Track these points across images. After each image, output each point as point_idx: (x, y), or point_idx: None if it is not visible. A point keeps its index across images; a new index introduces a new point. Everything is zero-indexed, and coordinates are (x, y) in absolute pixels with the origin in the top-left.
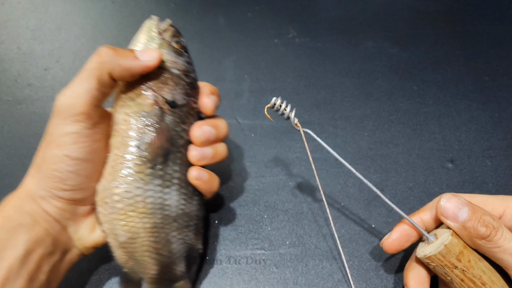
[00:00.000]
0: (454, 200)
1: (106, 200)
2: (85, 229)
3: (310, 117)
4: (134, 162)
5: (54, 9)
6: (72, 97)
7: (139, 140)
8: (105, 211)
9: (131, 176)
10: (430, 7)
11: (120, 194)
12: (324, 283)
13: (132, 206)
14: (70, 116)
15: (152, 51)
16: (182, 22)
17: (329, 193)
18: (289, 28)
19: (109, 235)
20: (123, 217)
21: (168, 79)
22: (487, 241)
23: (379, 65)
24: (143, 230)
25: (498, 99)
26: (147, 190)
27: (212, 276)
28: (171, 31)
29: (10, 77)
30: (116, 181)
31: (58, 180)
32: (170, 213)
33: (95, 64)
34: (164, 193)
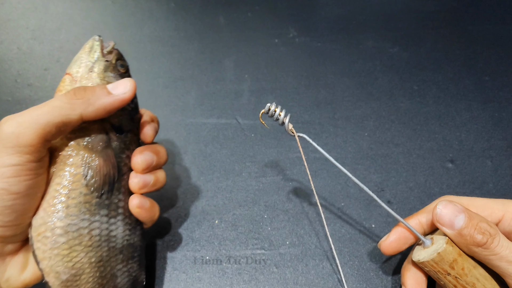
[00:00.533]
0: (450, 207)
1: (46, 235)
2: (14, 269)
3: (310, 116)
4: (80, 191)
5: (54, 9)
6: (22, 126)
7: (85, 167)
8: (45, 247)
9: (76, 206)
10: (431, 7)
11: (63, 228)
12: (324, 283)
13: (77, 239)
14: (15, 146)
15: (125, 82)
16: (182, 22)
17: (329, 193)
18: (289, 27)
19: (49, 273)
20: (67, 252)
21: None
22: (484, 248)
23: (379, 65)
24: (89, 265)
25: (498, 99)
26: (93, 222)
27: (212, 276)
28: (115, 53)
29: (10, 77)
30: (59, 213)
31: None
32: (116, 244)
33: (65, 104)
34: (110, 223)
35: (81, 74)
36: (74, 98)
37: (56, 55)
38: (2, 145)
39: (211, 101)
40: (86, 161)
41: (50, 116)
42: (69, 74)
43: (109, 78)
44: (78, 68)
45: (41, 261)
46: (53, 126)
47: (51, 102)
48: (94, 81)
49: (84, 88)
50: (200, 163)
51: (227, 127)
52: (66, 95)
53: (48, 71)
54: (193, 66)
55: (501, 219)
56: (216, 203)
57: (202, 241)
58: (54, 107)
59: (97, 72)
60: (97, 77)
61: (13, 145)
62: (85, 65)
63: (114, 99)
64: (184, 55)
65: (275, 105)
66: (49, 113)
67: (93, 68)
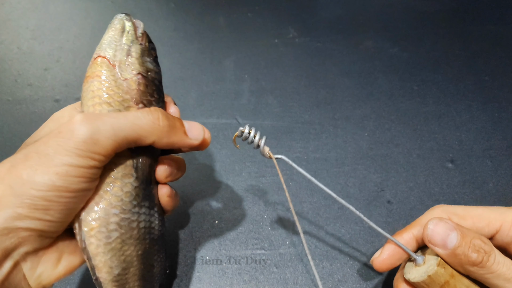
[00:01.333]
0: (442, 225)
1: (100, 230)
2: (47, 264)
3: (310, 117)
4: (131, 184)
5: (54, 9)
6: (102, 135)
7: (134, 158)
8: (99, 242)
9: (129, 199)
10: (431, 7)
11: (117, 222)
12: (324, 283)
13: (128, 232)
14: (88, 151)
15: (200, 129)
16: (182, 22)
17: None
18: (289, 28)
19: (101, 269)
20: (120, 246)
21: (152, 93)
22: (479, 267)
23: (379, 65)
24: (136, 258)
25: (498, 99)
26: (140, 214)
27: (212, 276)
28: (145, 35)
29: (10, 77)
30: (113, 208)
31: (38, 210)
32: (154, 236)
33: (147, 126)
34: (150, 215)
35: (120, 58)
36: (158, 124)
37: (56, 55)
38: (74, 145)
39: (211, 101)
40: (135, 153)
41: (129, 132)
42: (104, 57)
43: (147, 63)
44: (114, 51)
45: (94, 257)
46: (127, 142)
47: (133, 117)
48: (134, 66)
49: (167, 117)
50: (200, 163)
51: (227, 127)
52: (151, 116)
53: (48, 71)
54: (193, 66)
55: (499, 230)
56: (216, 203)
57: (202, 241)
58: (136, 125)
59: (136, 57)
60: (137, 63)
61: (86, 149)
62: (121, 49)
63: (186, 142)
64: (184, 55)
65: (249, 128)
66: (130, 129)
67: (130, 52)
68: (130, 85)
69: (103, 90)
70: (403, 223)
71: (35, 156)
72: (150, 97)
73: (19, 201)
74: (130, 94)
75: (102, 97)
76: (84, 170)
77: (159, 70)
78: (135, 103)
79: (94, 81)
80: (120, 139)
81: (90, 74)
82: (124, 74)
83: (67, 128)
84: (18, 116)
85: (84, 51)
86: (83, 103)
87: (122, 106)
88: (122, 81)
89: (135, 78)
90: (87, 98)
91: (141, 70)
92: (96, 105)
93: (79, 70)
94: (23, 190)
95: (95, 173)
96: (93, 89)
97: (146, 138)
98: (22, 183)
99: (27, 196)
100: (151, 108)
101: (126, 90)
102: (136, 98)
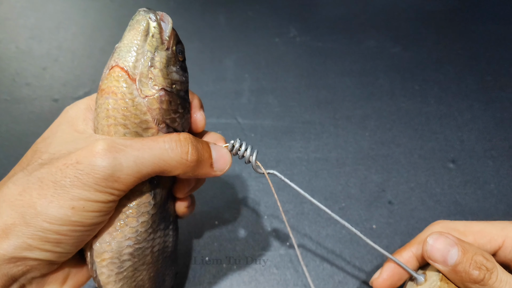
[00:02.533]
0: (442, 240)
1: (113, 261)
2: (55, 285)
3: (311, 116)
4: (148, 212)
5: (52, 8)
6: (123, 172)
7: (154, 185)
8: (111, 272)
9: (144, 228)
10: (433, 7)
11: (131, 253)
12: (324, 284)
13: (141, 260)
14: (108, 187)
15: (226, 160)
16: (182, 21)
17: (330, 193)
18: (290, 27)
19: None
20: (131, 274)
21: (177, 109)
22: (481, 285)
23: (380, 65)
24: (148, 280)
25: (500, 99)
26: (155, 239)
27: (212, 276)
28: (173, 36)
29: (8, 76)
30: (127, 239)
31: (49, 242)
32: (167, 254)
33: (172, 161)
34: (165, 235)
35: (141, 71)
36: (186, 159)
37: (54, 54)
38: (93, 181)
39: (211, 101)
40: (154, 180)
41: (154, 167)
42: (122, 69)
43: (172, 74)
44: (135, 61)
45: (105, 285)
46: (149, 176)
47: (159, 150)
48: (158, 80)
49: (197, 150)
50: None
51: (227, 127)
52: (180, 150)
53: (46, 70)
54: (193, 66)
55: (501, 246)
56: (216, 203)
57: (202, 241)
58: (162, 160)
59: (160, 68)
60: (161, 75)
61: (107, 186)
62: (143, 58)
63: (210, 174)
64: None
65: (240, 142)
66: (154, 165)
67: (154, 62)
68: (151, 103)
69: (118, 111)
70: (404, 224)
71: (51, 185)
72: (174, 114)
73: (30, 232)
74: (150, 114)
75: (117, 118)
76: (101, 204)
77: (186, 77)
78: (156, 124)
79: (110, 99)
80: (143, 176)
81: (105, 88)
82: (144, 90)
83: (87, 160)
84: (16, 116)
85: (82, 50)
86: (97, 120)
87: (140, 128)
88: (141, 100)
89: (157, 95)
90: (101, 117)
91: (165, 85)
92: (111, 126)
93: (78, 69)
94: (36, 221)
95: (112, 206)
96: (107, 108)
97: (170, 172)
98: (36, 214)
99: (39, 228)
100: (181, 137)
101: (146, 110)
102: (157, 118)
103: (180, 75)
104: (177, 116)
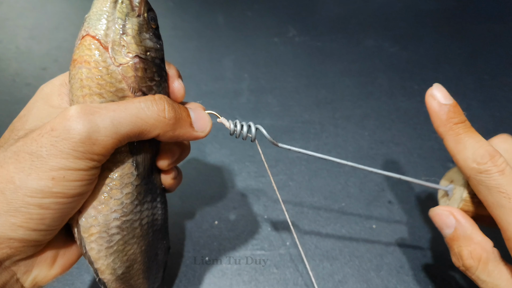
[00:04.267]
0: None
1: (101, 235)
2: (43, 266)
3: (310, 116)
4: (131, 183)
5: (52, 9)
6: (101, 134)
7: (134, 154)
8: (100, 247)
9: (130, 200)
10: (430, 6)
11: (119, 226)
12: (324, 283)
13: (130, 233)
14: (87, 152)
15: (205, 120)
16: (181, 21)
17: (330, 192)
18: (289, 26)
19: (104, 271)
20: (122, 247)
21: (153, 77)
22: (486, 174)
23: (379, 64)
24: (140, 254)
25: (498, 98)
26: (143, 211)
27: (211, 276)
28: (143, 3)
29: (8, 76)
30: (113, 212)
31: (33, 219)
32: (157, 226)
33: (151, 119)
34: (153, 207)
35: (113, 38)
36: (163, 117)
37: (54, 54)
38: (70, 146)
39: (210, 100)
40: (135, 148)
41: (132, 127)
42: (94, 37)
43: (145, 41)
44: (106, 29)
45: (96, 261)
46: (128, 138)
47: (136, 109)
48: (131, 48)
49: (174, 108)
50: (200, 163)
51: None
52: (156, 107)
53: (46, 70)
54: (191, 65)
55: None
56: (215, 203)
57: (201, 241)
58: (139, 118)
59: (132, 34)
60: (133, 42)
61: (85, 150)
62: (114, 25)
63: (191, 135)
64: (182, 54)
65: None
66: (132, 124)
67: (126, 29)
68: (126, 71)
69: (93, 80)
70: (404, 223)
71: (27, 157)
72: (150, 82)
73: (12, 209)
74: (126, 82)
75: (92, 87)
76: (83, 172)
77: (161, 45)
78: (132, 92)
79: (83, 68)
80: (121, 136)
81: (77, 58)
82: (118, 58)
83: (61, 126)
84: (16, 116)
85: None
86: (72, 91)
87: (116, 97)
88: (116, 68)
89: (132, 63)
90: (76, 87)
91: (139, 51)
92: (86, 96)
93: None
94: (17, 197)
95: (94, 173)
96: (81, 78)
97: (149, 132)
98: (15, 188)
99: (21, 203)
100: (155, 97)
101: (121, 79)
102: (133, 86)
103: (154, 42)
104: (153, 84)
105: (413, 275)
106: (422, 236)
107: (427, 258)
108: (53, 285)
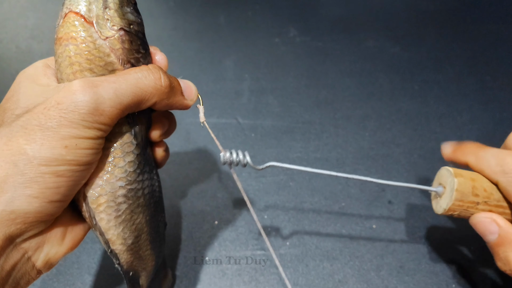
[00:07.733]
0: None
1: (109, 204)
2: (54, 242)
3: (311, 116)
4: (132, 152)
5: (52, 8)
6: (106, 105)
7: (132, 125)
8: (109, 217)
9: (133, 168)
10: (432, 7)
11: (125, 194)
12: (324, 283)
13: (135, 202)
14: (94, 122)
15: (192, 89)
16: (182, 21)
17: (330, 193)
18: (290, 27)
19: (115, 242)
20: (129, 216)
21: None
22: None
23: (380, 65)
24: (146, 224)
25: (499, 99)
26: (144, 180)
27: (212, 276)
28: None
29: (8, 76)
30: (119, 180)
31: (49, 189)
32: (156, 198)
33: (150, 88)
34: (151, 178)
35: (96, 13)
36: (160, 85)
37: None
38: (79, 116)
39: (211, 101)
40: (131, 119)
41: (133, 97)
42: (77, 13)
43: (128, 15)
44: (88, 4)
45: (107, 231)
46: (130, 108)
47: (135, 80)
48: (115, 21)
49: (168, 76)
50: (200, 163)
51: (227, 127)
52: (153, 76)
53: None
54: (192, 66)
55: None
56: (215, 203)
57: (202, 241)
58: (139, 88)
59: (114, 8)
60: (117, 15)
61: (93, 120)
62: (96, 0)
63: (183, 103)
64: (183, 55)
65: (230, 151)
66: (134, 94)
67: (108, 4)
68: (113, 44)
69: (81, 55)
70: (404, 223)
71: (37, 129)
72: (137, 54)
73: (27, 180)
74: (114, 54)
75: (82, 63)
76: (92, 141)
77: (141, 19)
78: (121, 65)
79: (70, 45)
80: (125, 106)
81: (62, 36)
82: (104, 32)
83: (67, 99)
84: None
85: None
86: (61, 70)
87: (106, 71)
88: (102, 42)
89: (118, 35)
90: (65, 65)
91: (123, 24)
92: (77, 73)
93: None
94: (31, 167)
95: (101, 143)
96: (69, 55)
97: (147, 101)
98: (28, 159)
99: (37, 173)
100: (150, 66)
101: (109, 52)
102: (122, 58)
103: (135, 16)
104: (140, 56)
105: (413, 275)
106: (422, 236)
107: (427, 258)
108: (54, 285)
